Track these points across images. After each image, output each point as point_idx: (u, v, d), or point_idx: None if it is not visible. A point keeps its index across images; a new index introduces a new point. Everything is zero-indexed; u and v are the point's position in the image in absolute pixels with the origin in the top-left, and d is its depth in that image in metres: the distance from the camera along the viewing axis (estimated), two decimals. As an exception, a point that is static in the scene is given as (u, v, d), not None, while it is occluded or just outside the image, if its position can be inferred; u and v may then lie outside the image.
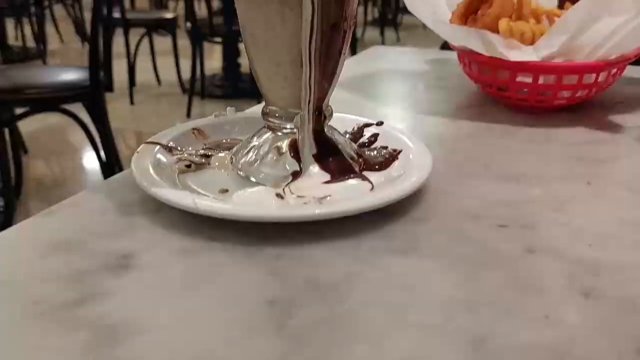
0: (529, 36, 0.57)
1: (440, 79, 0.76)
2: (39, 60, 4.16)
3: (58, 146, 2.97)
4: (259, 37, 0.39)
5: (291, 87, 0.41)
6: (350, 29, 0.41)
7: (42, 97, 1.97)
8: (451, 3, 0.71)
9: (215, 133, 0.49)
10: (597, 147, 0.52)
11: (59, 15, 5.12)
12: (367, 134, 0.50)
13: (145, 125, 3.29)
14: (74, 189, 2.51)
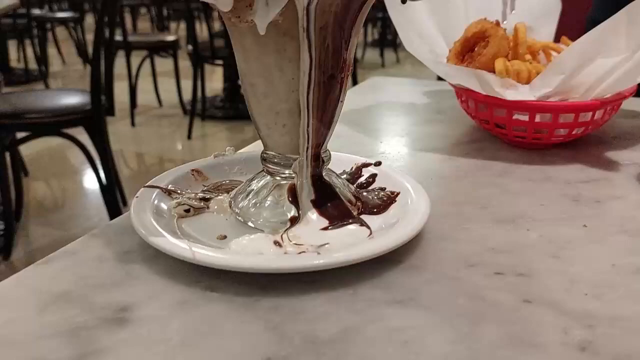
0: (525, 75, 0.58)
1: (438, 112, 0.77)
2: (40, 82, 4.20)
3: (58, 168, 2.98)
4: (258, 86, 0.40)
5: (289, 134, 0.41)
6: (347, 77, 0.41)
7: (43, 121, 1.99)
8: (448, 40, 0.72)
9: (215, 174, 0.50)
10: (594, 186, 0.53)
11: (61, 36, 5.18)
12: (365, 174, 0.50)
13: (146, 147, 3.30)
14: (74, 211, 2.51)
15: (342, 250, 0.36)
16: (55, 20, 4.50)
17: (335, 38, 0.38)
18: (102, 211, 2.26)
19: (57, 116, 2.00)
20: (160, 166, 3.10)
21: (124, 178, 2.85)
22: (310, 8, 0.35)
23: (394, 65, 5.50)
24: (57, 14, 4.60)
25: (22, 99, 2.15)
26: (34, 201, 2.59)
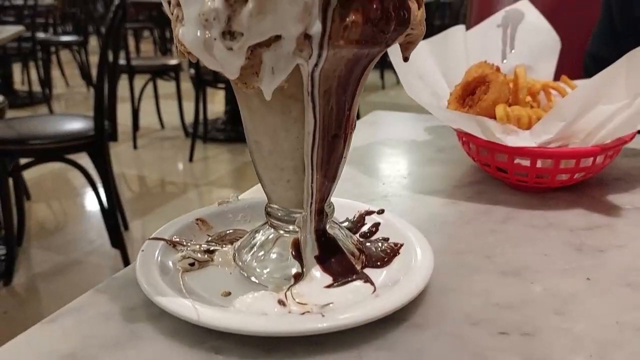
0: (526, 121, 0.59)
1: (439, 150, 0.77)
2: (44, 105, 4.22)
3: (61, 191, 2.98)
4: (263, 144, 0.40)
5: (294, 189, 0.41)
6: (351, 134, 0.42)
7: (46, 147, 2.00)
8: (449, 80, 0.73)
9: (219, 222, 0.50)
10: (596, 234, 0.53)
11: (65, 58, 5.23)
12: (368, 222, 0.51)
13: (148, 170, 3.31)
14: (75, 234, 2.51)
15: (346, 312, 0.36)
16: (59, 44, 4.55)
17: (339, 100, 0.38)
18: (103, 235, 2.26)
19: (60, 142, 2.01)
20: (162, 188, 3.10)
21: (126, 201, 2.85)
22: (315, 74, 0.36)
23: (394, 86, 5.53)
24: (61, 37, 4.65)
25: (26, 124, 2.17)
26: (36, 224, 2.59)
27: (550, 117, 0.57)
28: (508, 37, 0.81)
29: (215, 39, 0.32)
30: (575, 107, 0.55)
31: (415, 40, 0.40)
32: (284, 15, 0.32)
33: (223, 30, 0.32)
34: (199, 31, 0.33)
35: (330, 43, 0.34)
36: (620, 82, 0.56)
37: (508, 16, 0.82)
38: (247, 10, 0.32)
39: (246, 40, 0.32)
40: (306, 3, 0.32)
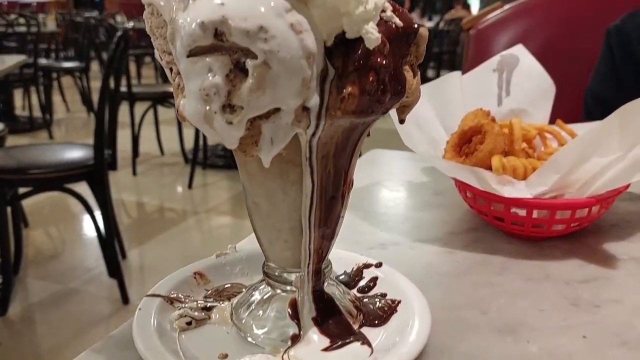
0: (522, 172, 0.59)
1: (436, 193, 0.78)
2: (45, 130, 4.25)
3: (59, 218, 2.98)
4: (261, 205, 0.41)
5: (291, 249, 0.42)
6: (348, 194, 0.42)
7: (46, 177, 2.00)
8: (446, 125, 0.74)
9: (217, 275, 0.50)
10: (593, 287, 0.53)
11: (66, 84, 5.27)
12: (366, 275, 0.51)
13: (147, 196, 3.31)
14: (72, 262, 2.50)
15: (343, 378, 0.36)
16: (61, 70, 4.59)
17: (336, 164, 0.39)
18: (101, 263, 2.25)
19: (60, 171, 2.02)
20: (161, 215, 3.10)
21: (124, 228, 2.85)
22: (313, 142, 0.36)
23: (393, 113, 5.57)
24: (63, 63, 4.69)
25: (26, 153, 2.18)
26: (33, 252, 2.58)
27: (545, 169, 0.57)
28: (504, 81, 0.82)
29: (215, 113, 0.33)
30: (570, 160, 0.56)
31: (411, 104, 0.41)
32: (282, 91, 0.33)
33: (223, 104, 0.33)
34: (199, 105, 0.33)
35: (327, 114, 0.35)
36: (614, 135, 0.57)
37: (503, 61, 0.83)
38: (247, 87, 0.32)
39: (246, 114, 0.33)
40: (304, 79, 0.33)
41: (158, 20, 0.36)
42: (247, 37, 0.32)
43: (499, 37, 1.43)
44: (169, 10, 0.34)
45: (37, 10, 7.84)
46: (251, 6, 0.32)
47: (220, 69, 0.33)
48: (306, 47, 0.33)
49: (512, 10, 1.43)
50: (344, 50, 0.35)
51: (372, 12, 0.34)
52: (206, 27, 0.32)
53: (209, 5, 0.32)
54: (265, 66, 0.32)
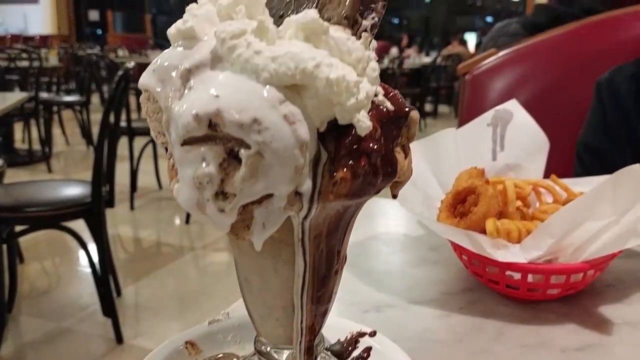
0: (516, 235, 0.59)
1: (432, 249, 0.78)
2: (43, 163, 4.26)
3: (55, 254, 2.96)
4: (252, 282, 0.41)
5: (283, 327, 0.42)
6: (341, 270, 0.42)
7: (43, 215, 2.00)
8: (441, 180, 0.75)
9: (209, 344, 0.50)
10: (588, 355, 0.53)
11: (67, 116, 5.30)
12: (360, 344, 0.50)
13: (144, 232, 3.30)
14: (67, 300, 2.48)
15: None
16: (62, 104, 4.63)
17: (329, 243, 0.39)
18: (95, 301, 2.22)
19: (57, 209, 2.02)
20: (157, 250, 3.09)
21: (120, 263, 2.83)
22: (305, 224, 0.36)
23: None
24: (64, 97, 4.74)
25: (23, 190, 2.18)
26: (28, 288, 2.56)
27: (539, 233, 0.58)
28: (498, 136, 0.83)
29: (208, 200, 0.33)
30: (564, 224, 0.56)
31: (403, 182, 0.41)
32: (275, 178, 0.33)
33: (216, 192, 0.33)
34: (192, 192, 0.34)
35: (320, 198, 0.35)
36: (608, 200, 0.57)
37: (497, 115, 0.84)
38: (240, 175, 0.33)
39: (238, 201, 0.33)
40: (297, 166, 0.33)
41: (154, 106, 0.37)
42: (241, 129, 0.32)
43: (494, 83, 1.46)
44: (165, 97, 0.35)
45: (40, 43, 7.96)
46: (245, 98, 0.32)
47: (214, 158, 0.33)
48: (299, 137, 0.33)
49: (507, 57, 1.45)
50: (336, 135, 0.36)
51: (364, 102, 0.35)
52: (200, 119, 0.32)
53: (204, 96, 0.33)
54: (259, 156, 0.33)
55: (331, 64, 0.34)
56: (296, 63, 0.33)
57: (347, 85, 0.34)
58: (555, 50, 1.41)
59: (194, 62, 0.35)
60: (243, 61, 0.33)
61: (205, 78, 0.34)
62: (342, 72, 0.34)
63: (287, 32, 0.35)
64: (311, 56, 0.34)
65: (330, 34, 0.35)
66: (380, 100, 0.38)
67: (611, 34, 1.36)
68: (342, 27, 0.37)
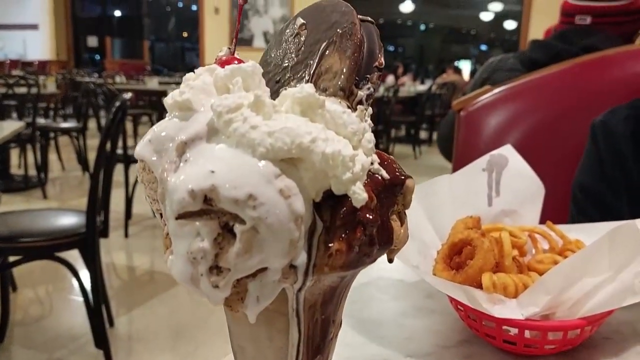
0: (512, 290, 0.59)
1: (428, 296, 0.77)
2: (39, 189, 4.24)
3: (48, 283, 2.93)
4: (246, 349, 0.40)
5: (277, 394, 0.41)
6: (336, 335, 0.42)
7: (37, 245, 1.99)
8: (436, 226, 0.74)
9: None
10: (587, 417, 0.52)
11: (63, 142, 5.31)
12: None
13: (138, 260, 3.28)
14: (60, 331, 2.44)
15: None
16: (59, 130, 4.64)
17: (324, 312, 0.39)
18: (88, 332, 2.19)
19: (51, 240, 2.00)
20: (151, 279, 3.06)
21: (114, 292, 2.81)
22: (300, 295, 0.36)
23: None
24: (61, 124, 4.75)
25: (17, 220, 2.17)
26: (20, 317, 2.52)
27: (536, 289, 0.57)
28: (493, 181, 0.83)
29: (202, 275, 0.33)
30: (561, 281, 0.56)
31: (399, 248, 0.41)
32: (270, 253, 0.33)
33: (210, 266, 0.33)
34: (186, 266, 0.33)
35: (315, 270, 0.35)
36: (604, 256, 0.57)
37: (493, 160, 0.84)
38: (234, 251, 0.33)
39: (232, 276, 0.33)
40: (292, 240, 0.33)
41: (150, 177, 0.37)
42: (236, 204, 0.32)
43: (488, 119, 1.47)
44: (161, 169, 0.35)
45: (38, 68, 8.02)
46: (241, 174, 0.32)
47: (208, 233, 0.33)
48: (294, 210, 0.33)
49: (502, 93, 1.47)
50: (332, 204, 0.36)
51: (359, 174, 0.35)
52: (196, 195, 0.32)
53: (199, 171, 0.33)
54: (253, 231, 0.32)
55: (327, 138, 0.34)
56: (292, 138, 0.33)
57: (343, 160, 0.34)
58: (551, 88, 1.43)
59: (190, 134, 0.35)
60: (239, 135, 0.33)
61: (201, 151, 0.34)
62: (338, 147, 0.34)
63: (284, 105, 0.36)
64: (307, 131, 0.34)
65: (326, 107, 0.35)
66: (376, 169, 0.38)
67: (606, 73, 1.38)
68: (338, 99, 0.37)
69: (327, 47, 0.39)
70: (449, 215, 0.75)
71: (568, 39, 1.57)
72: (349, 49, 0.38)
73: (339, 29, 0.39)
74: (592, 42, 1.50)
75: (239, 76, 0.36)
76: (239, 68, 0.36)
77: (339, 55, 0.38)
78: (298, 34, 0.42)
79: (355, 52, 0.38)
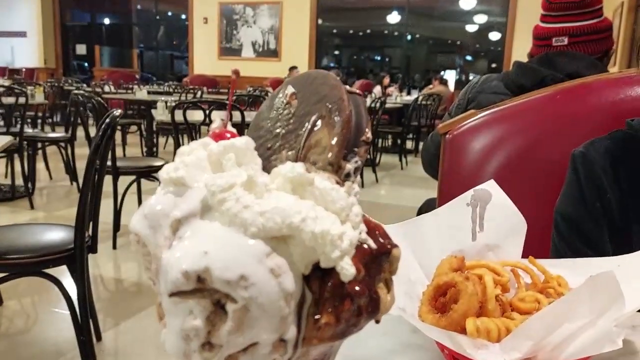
0: (495, 334, 0.61)
1: (414, 331, 0.79)
2: (25, 199, 4.21)
3: (34, 294, 2.91)
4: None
5: None
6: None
7: (24, 262, 1.98)
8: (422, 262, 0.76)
9: None
10: None
11: (50, 151, 5.28)
12: None
13: (126, 272, 3.27)
14: (45, 346, 2.42)
15: None
16: (47, 140, 4.61)
17: (312, 377, 0.40)
18: (75, 347, 2.18)
19: (38, 257, 2.00)
20: (139, 291, 3.05)
21: (101, 305, 2.80)
22: (290, 364, 0.37)
23: (373, 184, 5.65)
24: (49, 134, 4.73)
25: (4, 235, 2.15)
26: (5, 332, 2.50)
27: (518, 335, 0.59)
28: (477, 216, 0.85)
29: (194, 351, 0.34)
30: (543, 328, 0.58)
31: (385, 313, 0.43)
32: (261, 329, 0.34)
33: (202, 343, 0.34)
34: (180, 342, 0.34)
35: (304, 342, 0.36)
36: (585, 303, 0.59)
37: (476, 195, 0.86)
38: (226, 329, 0.34)
39: (224, 352, 0.34)
40: (282, 316, 0.35)
41: (144, 250, 0.38)
42: (228, 285, 0.33)
43: (473, 143, 1.49)
44: (154, 246, 0.36)
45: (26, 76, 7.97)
46: (233, 255, 0.34)
47: (201, 312, 0.34)
48: (285, 289, 0.35)
49: (486, 117, 1.49)
50: (321, 275, 0.37)
51: (348, 249, 0.36)
52: (189, 276, 0.33)
53: (193, 251, 0.34)
54: (245, 310, 0.34)
55: (316, 216, 0.35)
56: (283, 218, 0.35)
57: (332, 239, 0.35)
58: (534, 113, 1.46)
59: (184, 212, 0.36)
60: (232, 215, 0.35)
61: (195, 228, 0.35)
62: (327, 225, 0.35)
63: (275, 182, 0.37)
64: (297, 210, 0.35)
65: (316, 184, 0.37)
66: (363, 239, 0.39)
67: (587, 100, 1.41)
68: (327, 173, 0.38)
69: (317, 120, 0.40)
70: (435, 249, 0.77)
71: (553, 63, 1.60)
72: (337, 124, 0.39)
73: (328, 104, 0.40)
74: (577, 67, 1.54)
75: (232, 152, 0.38)
76: (232, 145, 0.38)
77: (327, 130, 0.39)
78: (289, 103, 0.43)
79: (344, 128, 0.39)
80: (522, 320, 0.62)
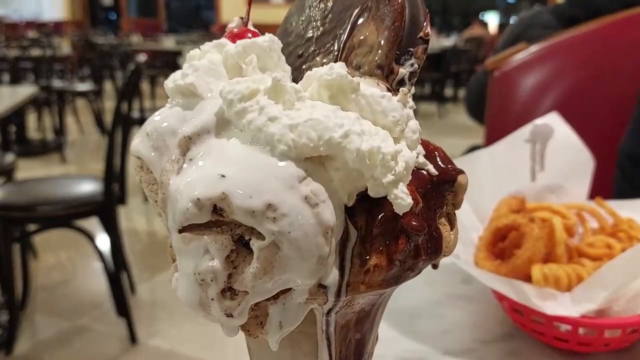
0: (565, 282, 0.53)
1: (465, 281, 0.71)
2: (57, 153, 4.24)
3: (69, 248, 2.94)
4: (268, 372, 0.35)
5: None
6: (372, 354, 0.36)
7: (55, 214, 1.97)
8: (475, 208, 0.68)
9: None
10: None
11: (80, 104, 5.28)
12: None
13: (159, 225, 3.27)
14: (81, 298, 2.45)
15: None
16: (75, 93, 4.59)
17: (359, 331, 0.33)
18: (110, 299, 2.20)
19: (68, 208, 1.98)
20: (172, 243, 3.05)
21: (135, 258, 2.81)
22: (330, 317, 0.30)
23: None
24: (77, 86, 4.70)
25: (35, 188, 2.14)
26: (41, 285, 2.54)
27: (592, 284, 0.51)
28: (537, 154, 0.76)
29: (212, 300, 0.27)
30: (620, 276, 0.49)
31: (448, 255, 0.35)
32: (294, 272, 0.27)
33: (222, 289, 0.27)
34: (194, 289, 0.27)
35: (349, 289, 0.29)
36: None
37: (536, 131, 0.77)
38: (251, 272, 0.27)
39: (249, 300, 0.27)
40: (320, 256, 0.27)
41: (148, 177, 0.30)
42: (252, 216, 0.26)
43: (525, 80, 1.37)
44: (160, 170, 0.29)
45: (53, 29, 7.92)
46: (258, 178, 0.26)
47: (219, 251, 0.27)
48: (323, 221, 0.27)
49: (538, 53, 1.36)
50: (368, 207, 0.29)
51: (403, 174, 0.28)
52: (203, 205, 0.26)
53: (207, 175, 0.26)
54: (274, 247, 0.26)
55: (362, 131, 0.27)
56: (320, 132, 0.27)
57: (383, 158, 0.27)
58: (592, 46, 1.32)
59: (195, 128, 0.28)
60: (255, 129, 0.27)
61: (209, 148, 0.28)
62: (377, 142, 0.27)
63: (309, 90, 0.29)
64: (338, 123, 0.27)
65: (361, 91, 0.28)
66: (422, 163, 0.31)
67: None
68: (375, 79, 0.30)
69: (361, 14, 0.32)
70: (489, 193, 0.68)
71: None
72: (387, 16, 0.30)
73: (375, -9, 0.31)
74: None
75: (253, 53, 0.29)
76: (254, 43, 0.29)
77: (375, 25, 0.31)
78: (324, -4, 0.34)
79: (396, 20, 0.30)
80: (594, 268, 0.54)
